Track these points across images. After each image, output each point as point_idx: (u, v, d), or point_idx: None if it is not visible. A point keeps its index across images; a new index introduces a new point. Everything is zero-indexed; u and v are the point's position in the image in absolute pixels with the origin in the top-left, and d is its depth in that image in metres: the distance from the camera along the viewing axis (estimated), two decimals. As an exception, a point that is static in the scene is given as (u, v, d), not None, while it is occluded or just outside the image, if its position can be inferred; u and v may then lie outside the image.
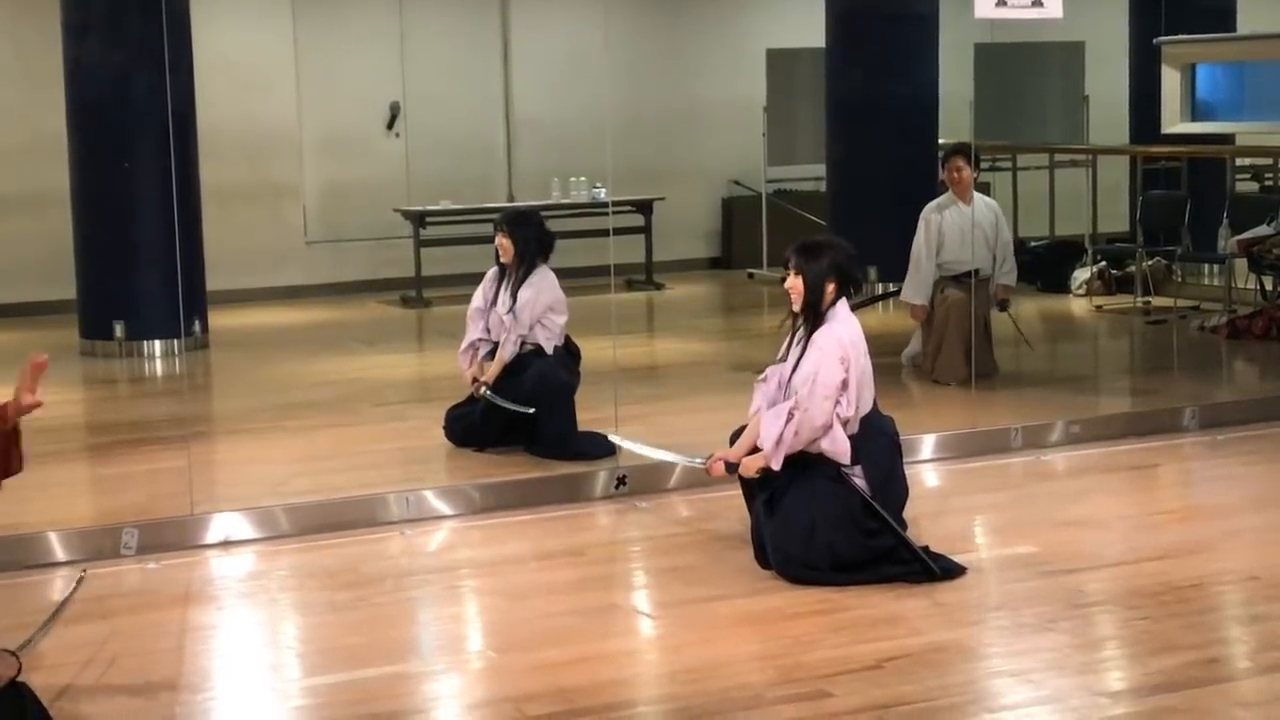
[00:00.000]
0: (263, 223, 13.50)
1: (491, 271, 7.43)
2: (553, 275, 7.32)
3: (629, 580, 5.70)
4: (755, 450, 5.45)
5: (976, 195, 8.89)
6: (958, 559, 5.47)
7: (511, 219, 7.34)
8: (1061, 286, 12.55)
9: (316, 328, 11.88)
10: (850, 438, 5.32)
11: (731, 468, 5.52)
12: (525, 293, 7.23)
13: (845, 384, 5.28)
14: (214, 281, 11.15)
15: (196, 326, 10.46)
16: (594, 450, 6.96)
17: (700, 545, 5.91)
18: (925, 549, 5.39)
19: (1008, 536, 6.04)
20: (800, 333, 5.48)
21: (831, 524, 5.27)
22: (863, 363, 5.36)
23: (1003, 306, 8.93)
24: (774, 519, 5.40)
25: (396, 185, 13.86)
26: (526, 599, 5.31)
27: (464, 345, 7.37)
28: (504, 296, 7.27)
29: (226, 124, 13.18)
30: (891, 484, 5.42)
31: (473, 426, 7.22)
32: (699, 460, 5.75)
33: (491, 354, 7.31)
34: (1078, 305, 12.04)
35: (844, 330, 5.34)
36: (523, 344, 7.24)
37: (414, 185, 13.86)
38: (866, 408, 5.38)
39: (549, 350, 7.26)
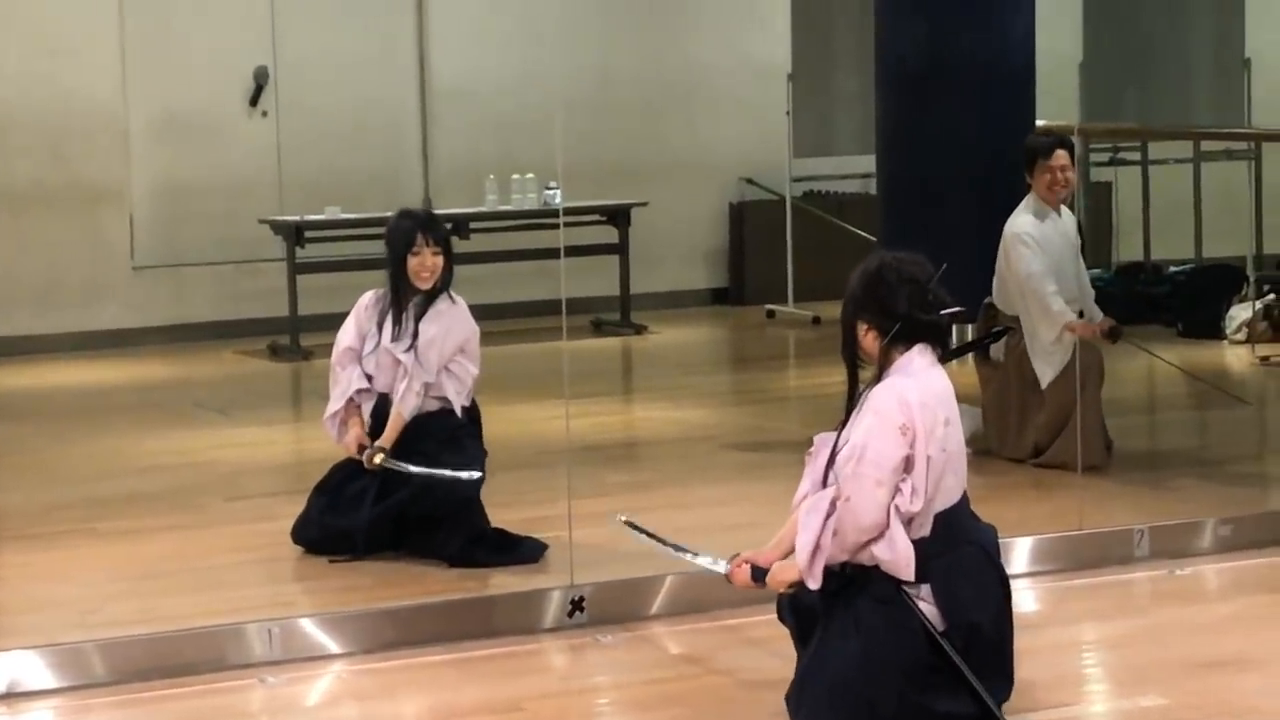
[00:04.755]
0: (71, 240, 13.58)
1: (369, 297, 7.52)
2: (465, 306, 7.44)
3: (588, 749, 5.77)
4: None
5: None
6: (1058, 717, 5.52)
7: (437, 224, 7.46)
8: (1212, 329, 12.67)
9: (146, 389, 11.91)
10: (918, 543, 5.26)
11: (760, 575, 5.48)
12: (430, 327, 7.33)
13: (909, 464, 5.23)
14: (-2, 325, 11.29)
15: (-31, 389, 10.53)
16: (515, 554, 7.15)
17: (693, 698, 5.92)
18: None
19: (1127, 682, 6.08)
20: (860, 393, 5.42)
21: (876, 671, 5.25)
22: (940, 434, 5.25)
23: (1115, 335, 9.04)
24: (802, 661, 5.44)
25: (263, 187, 13.96)
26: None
27: (333, 405, 7.44)
28: (394, 330, 7.35)
29: (20, 101, 13.28)
30: (978, 617, 5.35)
31: (348, 519, 7.27)
32: (721, 561, 5.71)
33: (379, 413, 7.38)
34: (1234, 355, 12.15)
35: (911, 387, 5.27)
36: (425, 394, 7.34)
37: (288, 187, 13.95)
38: (950, 500, 5.33)
39: (457, 408, 7.35)
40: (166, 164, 13.85)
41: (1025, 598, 7.10)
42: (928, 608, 5.27)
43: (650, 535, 6.19)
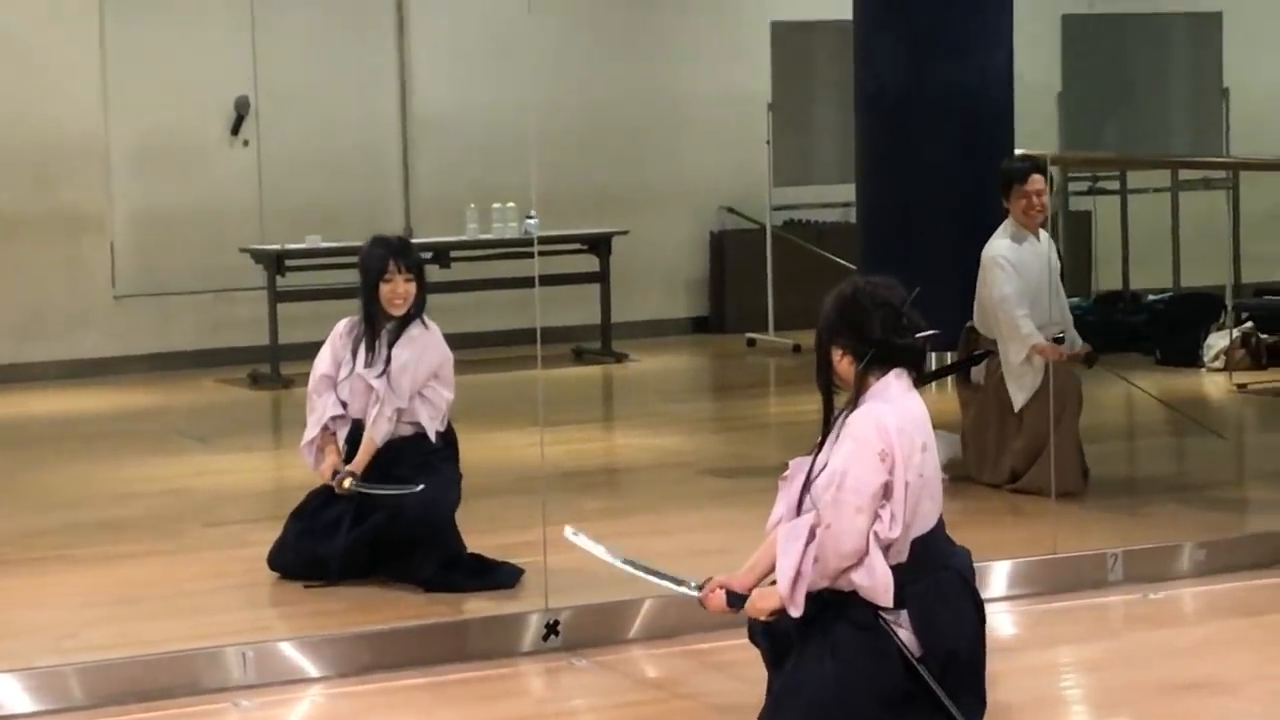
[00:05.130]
0: (52, 269, 13.60)
1: (343, 325, 7.56)
2: (438, 331, 7.48)
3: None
4: (772, 571, 5.40)
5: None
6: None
7: (409, 251, 7.49)
8: (1190, 357, 12.72)
9: (127, 417, 11.93)
10: (895, 569, 5.25)
11: (737, 601, 5.43)
12: (403, 352, 7.36)
13: (888, 490, 5.22)
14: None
15: (-48, 416, 10.55)
16: (491, 579, 7.16)
17: (666, 720, 5.97)
18: None
19: (1101, 705, 6.11)
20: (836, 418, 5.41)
21: (852, 695, 5.24)
22: (917, 460, 5.25)
23: (1090, 361, 9.13)
24: (775, 684, 5.44)
25: (245, 216, 13.98)
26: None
27: (310, 432, 7.47)
28: (368, 356, 7.38)
29: (1, 129, 13.31)
30: (955, 644, 5.35)
31: (324, 545, 7.30)
32: (691, 584, 5.67)
33: (354, 440, 7.41)
34: (1212, 383, 12.20)
35: (889, 412, 5.26)
36: (399, 419, 7.37)
37: (269, 216, 13.98)
38: (926, 525, 5.33)
39: (431, 434, 7.38)
40: (148, 193, 13.87)
41: (1001, 621, 7.11)
42: (905, 634, 5.27)
43: (601, 550, 6.18)
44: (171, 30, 13.89)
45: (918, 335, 5.33)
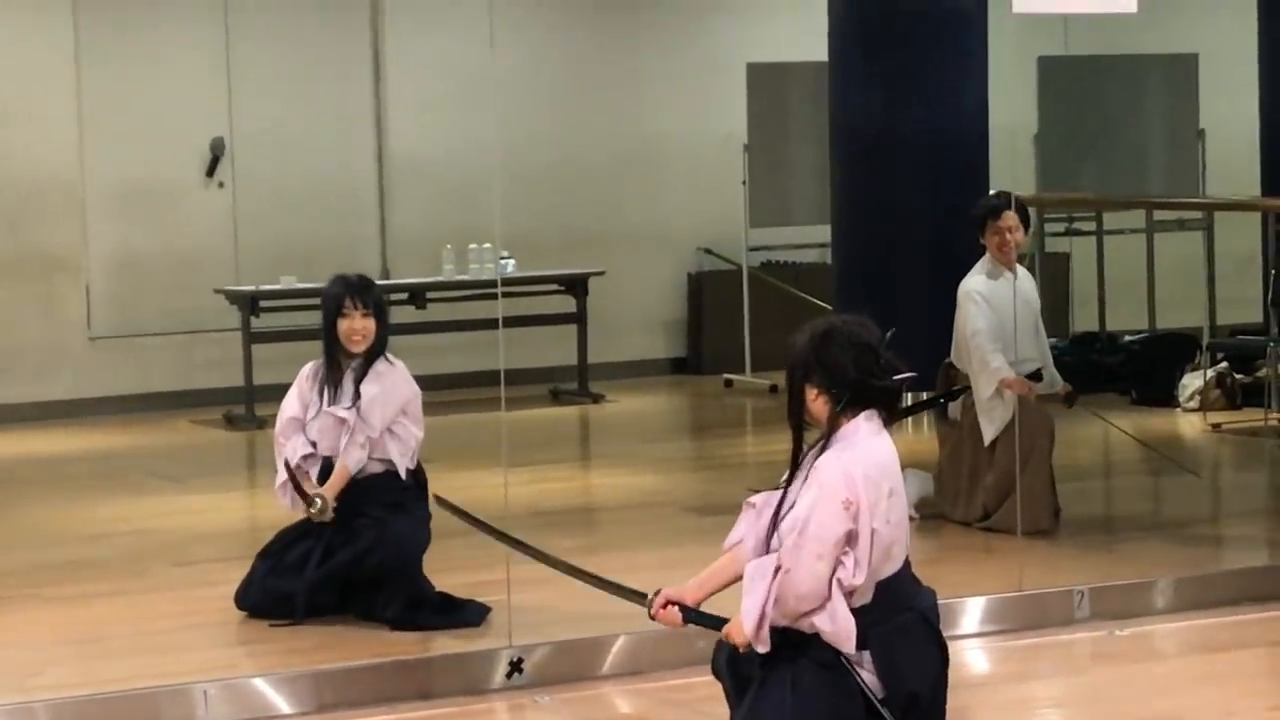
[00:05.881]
0: (27, 310, 13.60)
1: (309, 368, 7.60)
2: (404, 368, 7.52)
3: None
4: (722, 589, 5.43)
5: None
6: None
7: (367, 288, 7.51)
8: (1165, 397, 12.75)
9: (101, 458, 11.94)
10: (858, 610, 5.23)
11: (695, 618, 5.43)
12: (371, 387, 7.39)
13: (852, 538, 5.18)
14: (-48, 393, 11.29)
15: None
16: (457, 617, 7.17)
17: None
18: None
19: (1065, 741, 6.14)
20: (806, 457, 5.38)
21: None
22: (884, 507, 5.22)
23: (1071, 400, 9.21)
24: (736, 717, 5.45)
25: (219, 257, 14.00)
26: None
27: (282, 474, 7.48)
28: (333, 393, 7.41)
29: (-24, 170, 13.35)
30: (917, 687, 5.31)
31: (290, 581, 7.31)
32: (641, 596, 5.63)
33: (325, 477, 7.42)
34: (1187, 423, 12.23)
35: (857, 460, 5.23)
36: (370, 451, 7.38)
37: (244, 256, 14.00)
38: (893, 569, 5.32)
39: (402, 470, 7.40)
40: (123, 234, 13.89)
41: (970, 657, 7.16)
42: (867, 675, 5.25)
43: (474, 521, 6.26)
44: (147, 72, 13.92)
45: (895, 377, 5.33)
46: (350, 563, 7.31)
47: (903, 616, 5.32)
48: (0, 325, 13.43)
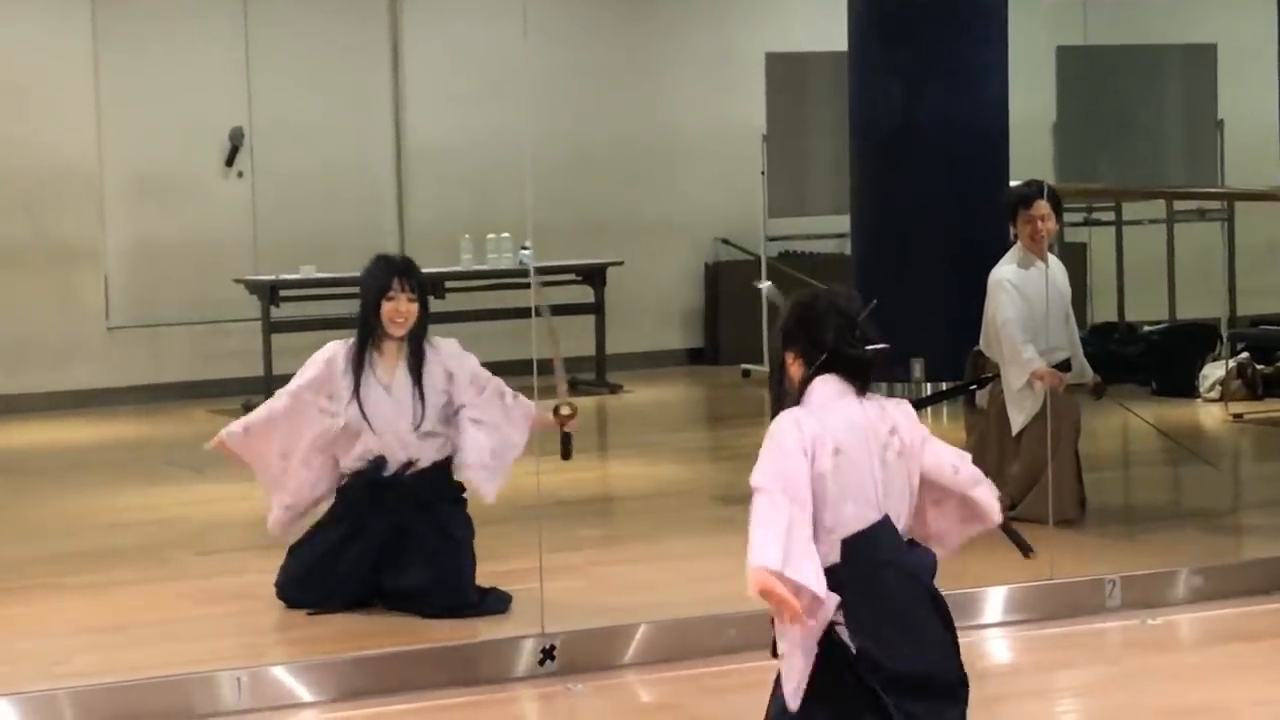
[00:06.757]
0: (45, 300, 13.59)
1: (338, 352, 7.45)
2: (450, 342, 7.56)
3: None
4: None
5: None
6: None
7: (414, 270, 7.41)
8: (1185, 388, 12.73)
9: (120, 447, 11.93)
10: (830, 570, 5.16)
11: None
12: (452, 364, 7.38)
13: (793, 478, 5.12)
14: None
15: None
16: (482, 605, 7.17)
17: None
18: None
19: (1099, 730, 6.11)
20: None
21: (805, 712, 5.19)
22: (829, 463, 5.20)
23: (1099, 392, 9.18)
24: None
25: (238, 247, 13.99)
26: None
27: (293, 494, 7.46)
28: (384, 392, 7.32)
29: (-6, 160, 13.34)
30: (896, 645, 5.23)
31: (339, 584, 7.28)
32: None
33: (379, 483, 7.35)
34: (1208, 413, 12.21)
35: (809, 413, 5.24)
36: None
37: (263, 246, 13.98)
38: (854, 527, 5.24)
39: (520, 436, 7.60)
40: (141, 224, 13.88)
41: (997, 646, 7.14)
42: (846, 635, 5.19)
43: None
44: (166, 62, 13.91)
45: (868, 348, 5.32)
46: (400, 597, 7.22)
47: (880, 573, 5.27)
48: (19, 315, 13.42)
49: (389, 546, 7.26)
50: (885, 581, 5.32)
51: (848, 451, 5.27)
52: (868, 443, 5.30)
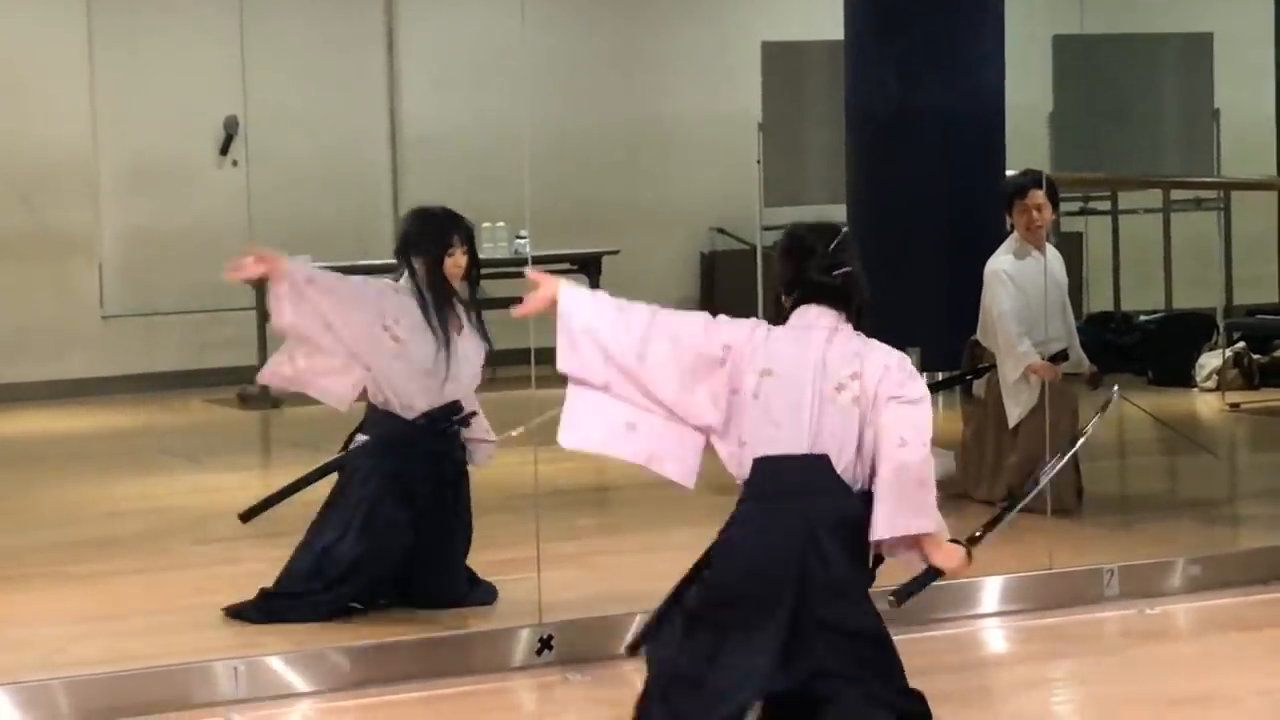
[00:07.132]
0: (41, 289, 13.58)
1: (398, 287, 7.45)
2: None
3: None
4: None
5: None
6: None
7: (463, 221, 7.59)
8: (1182, 377, 12.74)
9: (116, 436, 11.94)
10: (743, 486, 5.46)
11: None
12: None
13: (713, 370, 5.41)
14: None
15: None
16: (473, 596, 7.20)
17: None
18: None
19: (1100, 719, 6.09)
20: None
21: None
22: (753, 380, 5.38)
23: (1095, 382, 9.18)
24: None
25: (233, 235, 13.93)
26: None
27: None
28: (460, 341, 7.45)
29: (-11, 148, 13.32)
30: (761, 569, 5.43)
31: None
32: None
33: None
34: (1205, 403, 12.22)
35: (768, 332, 5.44)
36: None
37: (258, 235, 13.92)
38: (767, 449, 5.39)
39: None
40: (136, 213, 13.87)
41: (995, 636, 7.14)
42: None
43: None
44: (160, 50, 13.90)
45: (835, 272, 5.45)
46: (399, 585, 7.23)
47: (779, 505, 5.43)
48: (14, 304, 13.42)
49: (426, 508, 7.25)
50: (773, 522, 5.43)
51: (780, 376, 5.40)
52: (810, 376, 5.39)
